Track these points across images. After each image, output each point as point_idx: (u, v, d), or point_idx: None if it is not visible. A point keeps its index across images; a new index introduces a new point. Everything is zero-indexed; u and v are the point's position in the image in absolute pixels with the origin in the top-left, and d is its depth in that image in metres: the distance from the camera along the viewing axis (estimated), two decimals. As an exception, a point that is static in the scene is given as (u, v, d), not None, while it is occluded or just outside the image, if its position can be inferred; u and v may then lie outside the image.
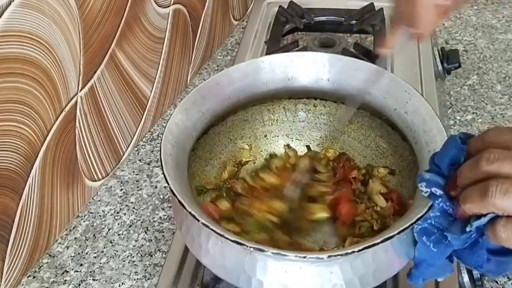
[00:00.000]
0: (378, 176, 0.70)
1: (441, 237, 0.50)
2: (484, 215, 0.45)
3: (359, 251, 0.48)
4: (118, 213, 0.85)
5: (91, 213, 0.86)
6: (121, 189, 0.89)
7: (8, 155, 0.69)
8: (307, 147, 0.76)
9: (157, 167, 0.93)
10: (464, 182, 0.46)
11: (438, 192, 0.49)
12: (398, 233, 0.49)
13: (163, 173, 0.54)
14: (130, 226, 0.83)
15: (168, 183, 0.53)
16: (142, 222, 0.84)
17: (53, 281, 0.76)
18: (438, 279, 0.56)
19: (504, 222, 0.43)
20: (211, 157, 0.71)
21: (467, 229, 0.46)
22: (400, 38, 0.65)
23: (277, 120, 0.76)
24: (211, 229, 0.49)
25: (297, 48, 1.01)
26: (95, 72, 0.82)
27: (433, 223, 0.51)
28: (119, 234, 0.82)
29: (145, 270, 0.77)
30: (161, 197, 0.87)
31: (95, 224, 0.84)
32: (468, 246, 0.49)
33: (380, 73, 0.66)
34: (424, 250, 0.52)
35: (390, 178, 0.70)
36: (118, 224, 0.84)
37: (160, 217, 0.84)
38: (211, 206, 0.66)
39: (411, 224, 0.49)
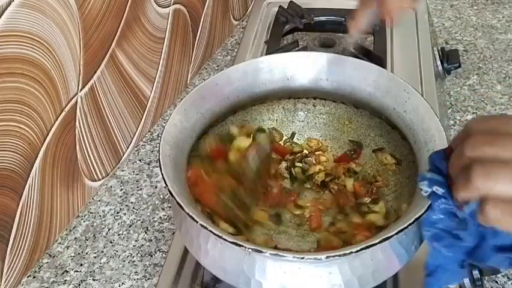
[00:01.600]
0: (385, 162, 0.70)
1: (452, 240, 0.50)
2: None
3: (357, 251, 0.48)
4: (118, 213, 0.85)
5: (91, 213, 0.86)
6: (121, 189, 0.89)
7: (8, 155, 0.69)
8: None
9: (157, 167, 0.93)
10: (454, 171, 0.46)
11: (440, 191, 0.48)
12: (397, 233, 0.49)
13: (162, 175, 0.54)
14: (130, 226, 0.83)
15: (167, 185, 0.53)
16: (142, 222, 0.84)
17: (53, 281, 0.77)
18: (452, 286, 0.55)
19: (492, 202, 0.42)
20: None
21: (459, 215, 0.46)
22: (369, 19, 0.67)
23: (276, 120, 0.76)
24: (210, 231, 0.49)
25: (297, 48, 1.01)
26: (95, 72, 0.82)
27: (441, 227, 0.50)
28: (119, 234, 0.82)
29: (145, 270, 0.77)
30: (161, 197, 0.88)
31: (95, 224, 0.84)
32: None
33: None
34: (438, 255, 0.51)
35: (390, 178, 0.70)
36: (118, 224, 0.84)
37: (160, 217, 0.84)
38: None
39: (410, 224, 0.49)
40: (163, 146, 0.57)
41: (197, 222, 0.50)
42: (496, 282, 0.73)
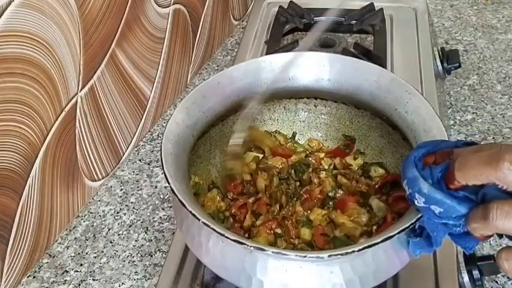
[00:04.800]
0: (374, 175, 0.70)
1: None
2: None
3: (359, 250, 0.48)
4: (118, 213, 0.85)
5: (91, 213, 0.86)
6: (121, 189, 0.89)
7: (8, 155, 0.69)
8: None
9: (157, 167, 0.93)
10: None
11: (438, 209, 0.48)
12: (399, 233, 0.49)
13: (164, 172, 0.54)
14: (130, 226, 0.83)
15: (169, 183, 0.53)
16: (142, 222, 0.84)
17: (53, 281, 0.76)
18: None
19: (505, 255, 0.44)
20: (211, 157, 0.71)
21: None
22: None
23: (277, 119, 0.76)
24: (212, 228, 0.49)
25: (297, 48, 1.01)
26: (95, 72, 0.82)
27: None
28: (119, 234, 0.82)
29: (145, 270, 0.77)
30: (161, 197, 0.87)
31: (95, 224, 0.84)
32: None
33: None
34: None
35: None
36: (118, 224, 0.84)
37: (160, 217, 0.84)
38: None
39: (412, 224, 0.49)
40: (165, 144, 0.57)
41: (199, 220, 0.50)
42: (496, 282, 0.73)
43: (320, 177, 0.69)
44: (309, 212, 0.65)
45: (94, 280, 0.76)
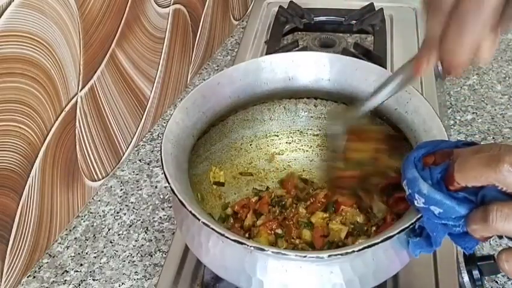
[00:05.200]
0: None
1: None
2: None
3: (359, 250, 0.48)
4: (118, 213, 0.85)
5: (91, 213, 0.86)
6: (121, 189, 0.89)
7: (8, 155, 0.69)
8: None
9: (157, 167, 0.93)
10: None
11: (438, 210, 0.48)
12: (398, 233, 0.49)
13: (164, 172, 0.54)
14: (130, 226, 0.83)
15: (169, 183, 0.53)
16: (142, 222, 0.84)
17: (53, 281, 0.76)
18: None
19: (505, 256, 0.44)
20: (212, 157, 0.71)
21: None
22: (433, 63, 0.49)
23: (277, 119, 0.76)
24: (212, 228, 0.49)
25: (297, 48, 1.01)
26: (95, 72, 0.82)
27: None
28: (119, 234, 0.82)
29: (145, 270, 0.77)
30: (161, 197, 0.87)
31: (95, 224, 0.84)
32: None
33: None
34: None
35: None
36: (118, 224, 0.84)
37: (160, 217, 0.84)
38: None
39: (412, 224, 0.49)
40: (165, 144, 0.57)
41: (199, 220, 0.50)
42: (496, 282, 0.73)
43: None
44: (311, 214, 0.66)
45: (94, 280, 0.76)
